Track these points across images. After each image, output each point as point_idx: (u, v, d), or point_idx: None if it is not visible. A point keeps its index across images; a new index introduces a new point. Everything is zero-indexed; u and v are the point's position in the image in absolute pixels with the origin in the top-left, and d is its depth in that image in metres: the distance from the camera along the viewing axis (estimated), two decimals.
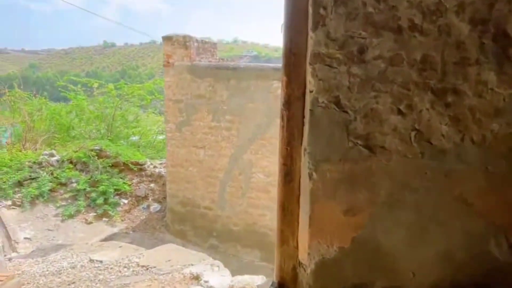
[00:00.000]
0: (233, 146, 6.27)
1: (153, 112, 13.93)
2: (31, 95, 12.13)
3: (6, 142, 9.40)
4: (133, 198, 7.51)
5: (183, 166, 6.63)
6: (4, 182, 6.84)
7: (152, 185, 7.82)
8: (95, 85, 12.43)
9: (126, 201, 7.41)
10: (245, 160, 6.24)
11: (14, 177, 6.96)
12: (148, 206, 7.40)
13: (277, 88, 5.88)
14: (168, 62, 6.39)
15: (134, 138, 12.84)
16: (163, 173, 7.98)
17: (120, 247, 4.00)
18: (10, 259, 3.97)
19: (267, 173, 6.17)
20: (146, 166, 8.23)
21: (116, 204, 7.21)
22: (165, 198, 7.50)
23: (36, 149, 8.84)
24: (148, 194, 7.62)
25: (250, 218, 6.40)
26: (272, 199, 6.20)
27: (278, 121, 5.17)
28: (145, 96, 12.19)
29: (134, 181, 7.85)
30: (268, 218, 6.29)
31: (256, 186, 6.27)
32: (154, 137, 12.80)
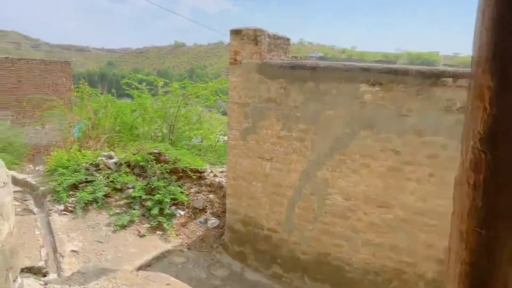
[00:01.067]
0: (305, 161, 5.40)
1: (217, 113, 13.51)
2: (98, 91, 12.30)
3: (69, 139, 9.42)
4: (190, 210, 6.96)
5: (246, 180, 5.90)
6: (59, 184, 6.65)
7: (211, 196, 7.23)
8: (160, 83, 12.28)
9: (182, 213, 6.88)
10: (320, 178, 5.34)
11: (69, 179, 6.75)
12: (206, 221, 6.80)
13: (364, 92, 4.92)
14: (235, 60, 5.71)
15: (196, 140, 12.51)
16: (223, 183, 7.34)
17: (167, 284, 3.34)
18: (45, 284, 3.49)
19: (346, 196, 5.21)
20: (206, 174, 7.67)
21: (172, 216, 6.70)
22: (224, 212, 6.84)
23: (96, 149, 8.71)
24: (206, 206, 7.03)
25: (322, 246, 5.48)
26: (351, 227, 5.24)
27: (363, 133, 4.10)
28: (209, 96, 11.77)
29: (192, 190, 7.31)
30: (345, 249, 5.33)
31: (331, 210, 5.34)
32: (217, 140, 12.33)
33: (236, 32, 5.65)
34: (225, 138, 12.79)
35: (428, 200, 4.74)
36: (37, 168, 10.18)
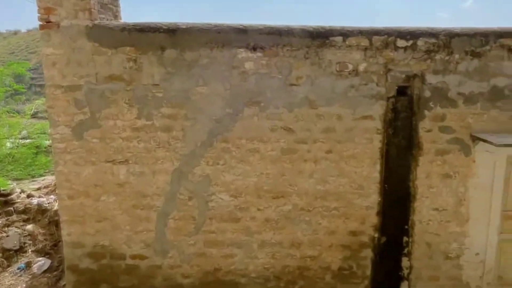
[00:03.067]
0: (176, 156, 4.16)
1: (8, 111, 10.31)
2: None
3: None
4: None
5: (90, 195, 4.24)
6: None
7: (29, 227, 5.12)
8: None
9: None
10: (198, 175, 4.21)
11: None
12: (29, 265, 4.74)
13: (244, 60, 4.01)
14: (49, 21, 3.89)
15: None
16: (46, 205, 5.33)
17: None
18: None
19: (234, 192, 4.26)
20: (14, 196, 5.43)
21: None
22: (56, 246, 4.94)
23: None
24: (25, 244, 4.92)
25: (209, 262, 4.41)
26: (244, 230, 4.35)
27: (248, 111, 3.02)
28: None
29: None
30: (239, 259, 4.41)
31: (217, 214, 4.30)
32: (16, 145, 9.40)
33: None
34: (28, 141, 9.98)
35: (328, 180, 4.24)
36: None
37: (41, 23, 3.93)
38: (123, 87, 4.02)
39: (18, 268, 4.72)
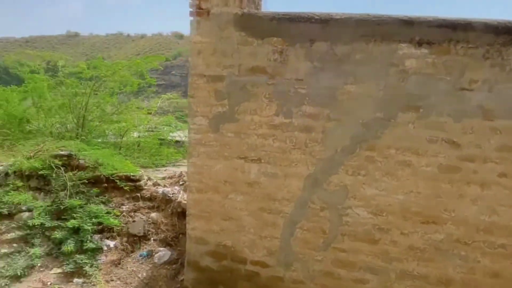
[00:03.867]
0: (313, 160, 3.81)
1: (144, 107, 11.13)
2: None
3: None
4: (125, 239, 4.93)
5: (219, 191, 4.11)
6: None
7: (153, 215, 5.25)
8: (60, 63, 9.72)
9: (112, 245, 4.82)
10: (335, 184, 3.80)
11: None
12: (151, 253, 4.84)
13: (405, 57, 3.48)
14: (201, 8, 3.86)
15: (113, 137, 10.15)
16: (170, 195, 5.42)
17: None
18: None
19: (375, 209, 3.75)
20: (142, 183, 5.65)
21: (97, 251, 4.63)
22: (177, 238, 4.97)
23: None
24: (149, 231, 5.03)
25: (337, 284, 3.96)
26: (381, 254, 3.81)
27: (402, 117, 2.35)
28: (130, 78, 9.54)
29: (124, 208, 5.26)
30: (371, 286, 3.86)
31: (352, 231, 3.83)
32: (142, 134, 10.11)
33: None
34: (153, 133, 10.68)
35: (497, 211, 3.48)
36: None
37: (192, 9, 3.92)
38: (265, 80, 3.81)
39: (140, 255, 4.83)
